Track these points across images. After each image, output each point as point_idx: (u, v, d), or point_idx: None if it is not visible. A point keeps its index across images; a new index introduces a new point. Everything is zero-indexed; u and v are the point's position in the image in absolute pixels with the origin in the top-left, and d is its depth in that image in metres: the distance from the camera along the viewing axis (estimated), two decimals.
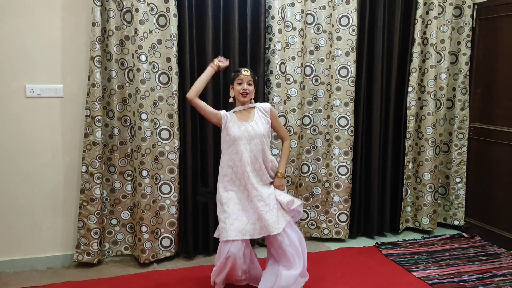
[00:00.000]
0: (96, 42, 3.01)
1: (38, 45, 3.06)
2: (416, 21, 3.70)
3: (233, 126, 2.65)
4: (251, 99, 2.71)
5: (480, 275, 3.15)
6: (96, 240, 3.19)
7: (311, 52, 3.58)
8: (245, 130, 2.64)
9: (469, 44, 3.93)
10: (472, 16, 3.90)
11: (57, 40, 3.10)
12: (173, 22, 3.11)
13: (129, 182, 3.28)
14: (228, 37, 3.32)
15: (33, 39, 3.05)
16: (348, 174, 3.64)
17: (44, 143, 3.15)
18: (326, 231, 3.75)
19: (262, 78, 3.40)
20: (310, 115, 3.66)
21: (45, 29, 3.07)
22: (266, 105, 2.76)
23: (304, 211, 3.74)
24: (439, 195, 4.12)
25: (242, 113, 2.70)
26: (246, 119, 2.69)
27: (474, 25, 3.92)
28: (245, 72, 2.66)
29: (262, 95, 3.43)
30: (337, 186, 3.66)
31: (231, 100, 2.73)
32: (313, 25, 3.55)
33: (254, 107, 2.73)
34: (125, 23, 3.09)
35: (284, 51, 3.42)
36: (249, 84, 2.66)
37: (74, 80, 3.16)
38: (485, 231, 3.88)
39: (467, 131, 4.01)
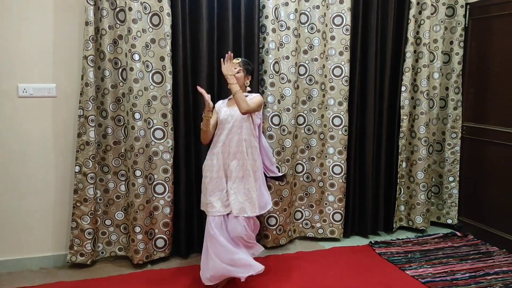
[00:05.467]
0: (89, 41, 2.99)
1: (30, 44, 3.04)
2: (409, 20, 3.71)
3: (221, 110, 2.91)
4: (246, 87, 2.91)
5: (473, 274, 3.17)
6: (90, 241, 3.17)
7: (305, 52, 3.58)
8: (228, 114, 2.85)
9: (461, 44, 3.95)
10: (464, 16, 3.92)
11: (50, 39, 3.08)
12: (167, 21, 3.10)
13: (123, 182, 3.26)
14: (223, 37, 3.31)
15: (26, 38, 3.03)
16: (343, 174, 3.65)
17: (37, 143, 3.13)
18: (320, 231, 3.76)
19: (256, 77, 3.40)
20: (304, 115, 3.66)
21: (38, 28, 3.05)
22: (253, 95, 2.91)
23: (299, 210, 3.75)
24: (432, 194, 4.14)
25: (232, 101, 2.88)
26: (233, 105, 2.85)
27: (466, 25, 3.94)
28: (234, 60, 2.83)
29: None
30: (332, 185, 3.67)
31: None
32: (307, 24, 3.54)
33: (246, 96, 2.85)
34: (118, 22, 3.07)
35: (278, 50, 3.42)
36: (237, 72, 2.82)
37: (67, 79, 3.14)
38: (478, 229, 3.90)
39: (460, 130, 4.03)
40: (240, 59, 2.88)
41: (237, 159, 2.82)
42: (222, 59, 2.79)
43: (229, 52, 2.80)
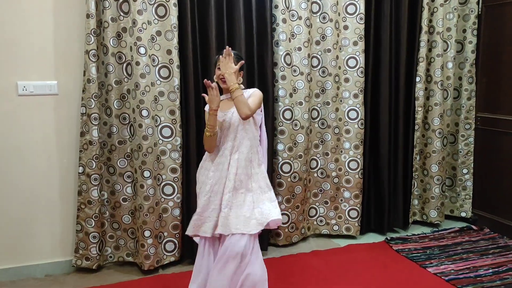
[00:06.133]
0: (90, 35, 2.81)
1: (29, 39, 2.85)
2: (423, 8, 3.57)
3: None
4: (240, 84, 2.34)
5: (496, 269, 3.08)
6: (95, 245, 3.01)
7: (317, 42, 3.43)
8: (220, 121, 2.36)
9: (475, 32, 3.83)
10: (478, 2, 3.80)
11: (50, 33, 2.89)
12: (173, 12, 2.92)
13: (129, 184, 3.08)
14: (233, 27, 3.14)
15: (24, 32, 2.84)
16: (359, 169, 3.52)
17: (38, 143, 2.96)
18: (336, 227, 3.64)
19: (270, 69, 3.24)
20: (318, 108, 3.51)
21: (36, 22, 2.86)
22: (251, 90, 2.40)
23: (313, 207, 3.63)
24: (446, 187, 4.03)
25: (225, 102, 2.39)
26: (226, 108, 2.37)
27: (480, 12, 3.81)
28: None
29: (271, 87, 3.27)
30: (347, 181, 3.54)
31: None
32: (318, 14, 3.39)
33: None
34: (122, 14, 2.89)
35: (290, 41, 3.26)
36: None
37: (69, 76, 2.96)
38: (493, 222, 3.81)
39: (474, 121, 3.92)
40: (232, 52, 2.34)
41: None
42: (219, 56, 2.33)
43: (227, 47, 2.28)
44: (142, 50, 2.86)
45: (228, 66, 2.25)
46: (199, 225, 2.40)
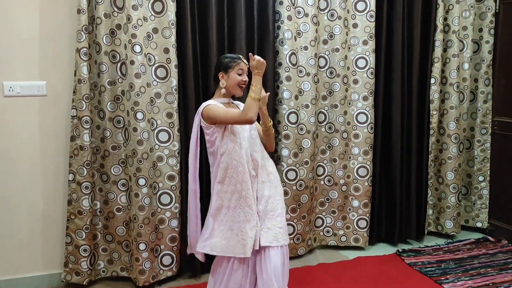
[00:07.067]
0: (82, 32, 2.62)
1: (16, 37, 2.67)
2: (438, 6, 3.37)
3: None
4: None
5: None
6: (86, 259, 2.80)
7: (325, 41, 3.22)
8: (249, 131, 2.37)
9: (492, 31, 3.61)
10: (495, 0, 3.59)
11: (38, 31, 2.71)
12: (171, 7, 2.72)
13: (124, 193, 2.87)
14: (233, 24, 2.94)
15: (10, 29, 2.65)
16: (368, 176, 3.31)
17: (25, 148, 2.77)
18: (343, 238, 3.42)
19: (272, 69, 3.03)
20: (325, 111, 3.31)
21: (24, 18, 2.67)
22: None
23: (320, 217, 3.42)
24: (461, 195, 3.80)
25: (230, 105, 2.37)
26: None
27: (497, 10, 3.60)
28: (246, 61, 2.33)
29: (272, 89, 3.07)
30: (356, 189, 3.32)
31: (223, 91, 2.30)
32: (326, 11, 3.19)
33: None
34: (116, 9, 2.69)
35: (295, 40, 3.06)
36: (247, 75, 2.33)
37: (59, 76, 2.77)
38: (511, 233, 3.58)
39: (491, 125, 3.70)
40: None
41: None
42: (240, 60, 2.29)
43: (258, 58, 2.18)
44: (137, 48, 2.66)
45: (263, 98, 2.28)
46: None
